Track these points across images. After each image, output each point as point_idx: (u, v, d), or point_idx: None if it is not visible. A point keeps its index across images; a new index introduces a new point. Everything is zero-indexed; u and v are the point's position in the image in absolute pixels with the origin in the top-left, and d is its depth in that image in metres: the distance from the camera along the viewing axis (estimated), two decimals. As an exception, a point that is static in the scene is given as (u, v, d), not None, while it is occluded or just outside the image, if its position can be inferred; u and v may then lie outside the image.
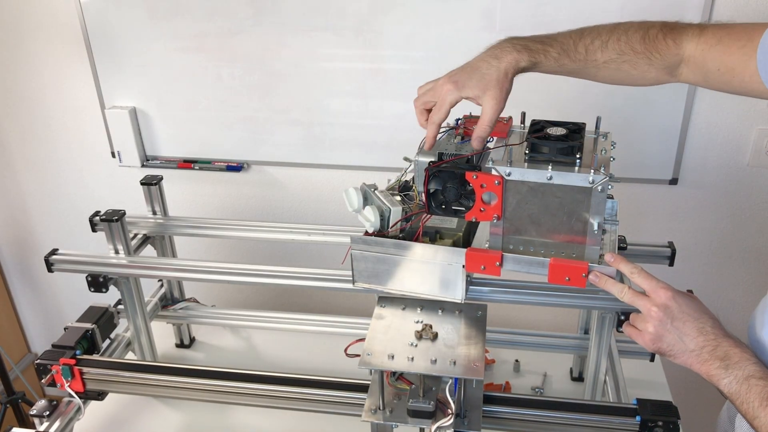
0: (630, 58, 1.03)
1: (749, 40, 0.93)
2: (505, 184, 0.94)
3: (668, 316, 0.92)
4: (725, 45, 0.97)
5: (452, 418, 1.02)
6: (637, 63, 1.04)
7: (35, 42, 1.99)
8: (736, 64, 0.95)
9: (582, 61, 1.03)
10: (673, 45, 1.02)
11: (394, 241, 1.02)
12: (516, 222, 0.97)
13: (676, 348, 0.92)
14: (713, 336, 0.91)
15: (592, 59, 1.03)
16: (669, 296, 0.93)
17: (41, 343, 2.61)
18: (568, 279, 0.96)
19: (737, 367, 0.88)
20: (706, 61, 0.99)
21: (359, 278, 1.07)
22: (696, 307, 0.94)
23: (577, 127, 0.99)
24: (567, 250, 0.97)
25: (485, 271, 1.00)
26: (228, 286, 2.14)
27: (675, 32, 1.03)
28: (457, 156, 0.99)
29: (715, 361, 0.90)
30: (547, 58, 1.01)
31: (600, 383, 1.36)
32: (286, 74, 1.87)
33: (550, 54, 1.01)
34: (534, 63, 1.00)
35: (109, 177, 2.16)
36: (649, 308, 0.94)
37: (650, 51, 1.03)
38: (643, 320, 0.95)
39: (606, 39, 1.03)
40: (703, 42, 1.00)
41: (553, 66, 1.02)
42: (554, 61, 1.02)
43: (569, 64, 1.03)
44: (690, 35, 1.01)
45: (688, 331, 0.92)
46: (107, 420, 1.50)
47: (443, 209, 0.99)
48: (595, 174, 0.90)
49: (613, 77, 1.07)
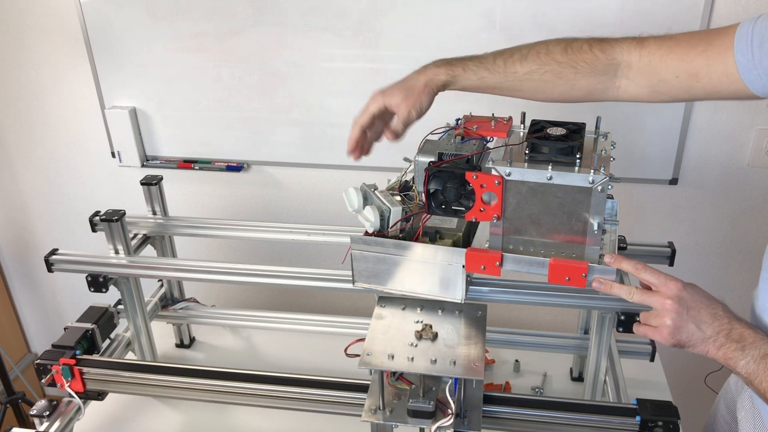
0: (552, 68, 1.04)
1: (709, 45, 0.96)
2: (505, 184, 0.94)
3: (683, 307, 0.93)
4: (681, 53, 0.98)
5: (452, 418, 1.02)
6: (561, 72, 1.04)
7: (35, 42, 1.99)
8: (699, 69, 0.96)
9: (501, 73, 1.06)
10: (602, 55, 1.03)
11: (394, 241, 1.02)
12: (516, 222, 0.97)
13: (695, 337, 0.93)
14: (727, 320, 0.92)
15: (511, 71, 1.05)
16: (680, 287, 0.94)
17: (41, 343, 2.61)
18: (568, 279, 0.96)
19: (753, 347, 0.90)
20: (657, 71, 1.00)
21: (359, 278, 1.07)
22: (705, 294, 0.95)
23: (577, 127, 0.99)
24: (567, 250, 0.97)
25: (485, 271, 1.00)
26: (228, 286, 2.14)
27: (603, 44, 1.03)
28: (457, 156, 0.99)
29: (731, 343, 0.91)
30: (466, 72, 1.06)
31: (600, 383, 1.36)
32: (286, 74, 1.87)
33: (468, 67, 1.06)
34: (453, 76, 1.06)
35: (109, 177, 2.16)
36: (663, 302, 0.94)
37: (574, 60, 1.04)
38: (658, 315, 0.95)
39: (526, 53, 1.06)
40: (647, 53, 1.00)
41: (473, 80, 1.06)
42: (473, 74, 1.06)
43: (489, 77, 1.06)
44: (626, 47, 1.02)
45: (704, 318, 0.93)
46: (107, 420, 1.50)
47: (443, 209, 0.99)
48: (595, 174, 0.90)
49: (538, 89, 1.07)
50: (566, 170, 0.92)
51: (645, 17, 1.62)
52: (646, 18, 1.62)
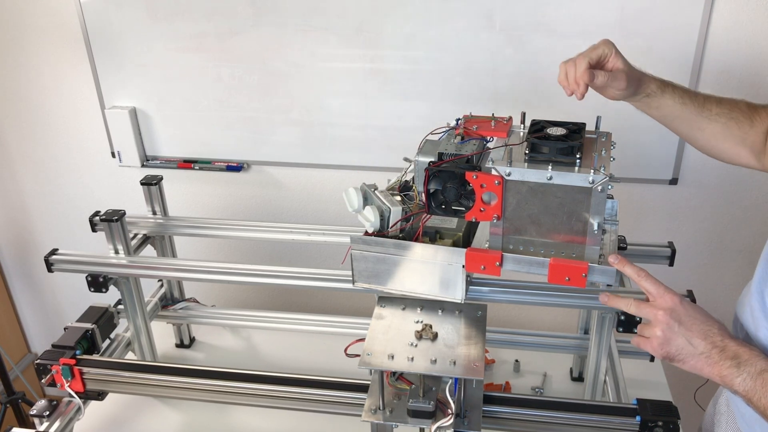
0: (737, 116, 1.11)
1: None
2: (505, 184, 0.94)
3: (675, 320, 0.93)
4: None
5: (452, 418, 1.02)
6: (741, 123, 1.11)
7: (35, 42, 1.99)
8: None
9: (699, 106, 1.12)
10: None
11: (395, 241, 1.02)
12: (516, 222, 0.97)
13: (684, 351, 0.93)
14: (720, 338, 0.92)
15: (707, 107, 1.12)
16: (676, 300, 0.94)
17: (41, 343, 2.61)
18: (568, 279, 0.96)
19: (748, 363, 0.89)
20: None
21: (359, 278, 1.07)
22: (702, 312, 0.95)
23: (577, 127, 0.99)
24: (567, 250, 0.97)
25: (485, 271, 0.99)
26: (228, 286, 2.14)
27: None
28: (457, 156, 0.99)
29: (726, 361, 0.90)
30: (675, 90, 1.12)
31: (600, 383, 1.36)
32: (286, 74, 1.87)
33: (676, 88, 1.11)
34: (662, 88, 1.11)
35: (109, 177, 2.16)
36: (656, 313, 0.94)
37: (753, 115, 1.11)
38: (650, 326, 0.96)
39: (720, 97, 1.13)
40: None
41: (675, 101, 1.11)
42: (678, 97, 1.11)
43: (689, 103, 1.12)
44: None
45: (695, 333, 0.92)
46: (107, 420, 1.51)
47: (443, 209, 0.99)
48: (595, 174, 0.90)
49: (718, 134, 1.13)
50: (566, 170, 0.92)
51: (645, 18, 1.62)
52: (646, 18, 1.62)
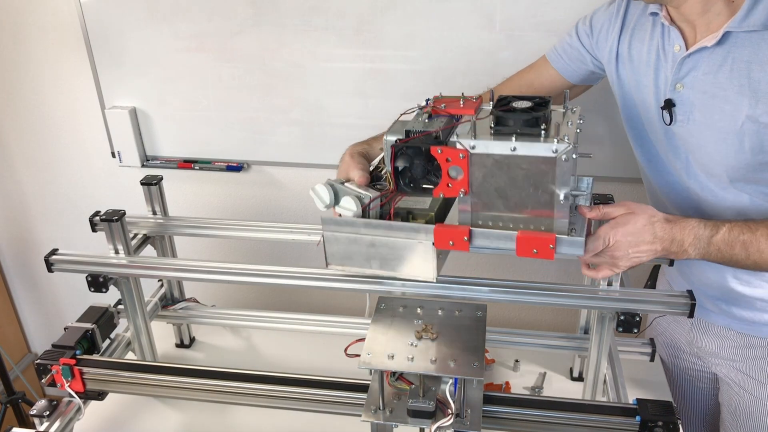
0: None
1: None
2: (470, 157, 0.94)
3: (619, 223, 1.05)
4: None
5: (452, 418, 1.02)
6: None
7: (35, 42, 1.99)
8: None
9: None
10: None
11: (365, 221, 1.02)
12: (484, 197, 0.97)
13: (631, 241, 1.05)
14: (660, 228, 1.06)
15: None
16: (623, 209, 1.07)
17: (41, 343, 2.61)
18: (536, 251, 0.96)
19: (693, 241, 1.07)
20: None
21: (332, 260, 1.06)
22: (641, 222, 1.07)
23: (543, 100, 0.98)
24: (536, 224, 0.96)
25: (454, 246, 0.99)
26: (228, 286, 2.14)
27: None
28: (424, 132, 0.98)
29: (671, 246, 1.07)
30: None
31: (600, 383, 1.36)
32: (286, 74, 1.87)
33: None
34: None
35: (109, 177, 2.16)
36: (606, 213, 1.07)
37: None
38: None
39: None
40: None
41: None
42: None
43: None
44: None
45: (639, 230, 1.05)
46: (107, 420, 1.50)
47: (411, 187, 0.99)
48: (559, 143, 0.89)
49: None
50: (531, 141, 0.91)
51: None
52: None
